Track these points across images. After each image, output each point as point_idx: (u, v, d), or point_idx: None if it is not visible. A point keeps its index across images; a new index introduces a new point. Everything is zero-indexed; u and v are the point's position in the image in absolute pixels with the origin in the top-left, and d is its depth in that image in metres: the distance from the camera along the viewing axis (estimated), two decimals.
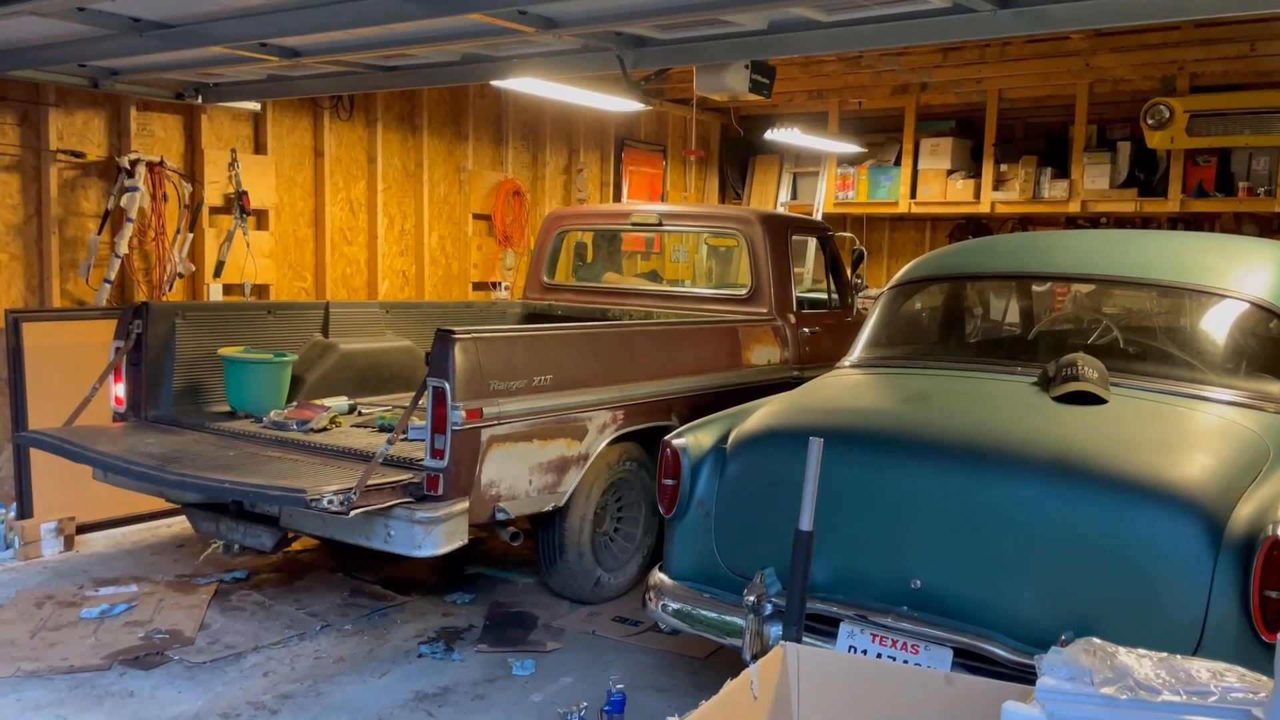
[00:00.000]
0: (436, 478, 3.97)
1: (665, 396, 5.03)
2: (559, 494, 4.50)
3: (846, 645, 3.18)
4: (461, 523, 4.00)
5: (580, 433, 4.55)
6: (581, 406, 4.54)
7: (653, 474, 4.94)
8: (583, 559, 4.72)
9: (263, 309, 5.60)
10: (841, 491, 3.27)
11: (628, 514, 5.03)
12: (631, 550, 5.03)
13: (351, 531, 4.02)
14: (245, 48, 5.08)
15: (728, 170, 11.63)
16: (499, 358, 4.16)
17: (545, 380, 4.33)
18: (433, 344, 4.01)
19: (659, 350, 5.11)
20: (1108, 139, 9.58)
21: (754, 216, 6.28)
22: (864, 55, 8.40)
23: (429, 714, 3.76)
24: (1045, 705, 1.81)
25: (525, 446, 4.27)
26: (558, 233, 7.03)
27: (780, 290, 6.12)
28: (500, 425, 4.14)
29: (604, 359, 4.72)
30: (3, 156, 5.94)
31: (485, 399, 4.06)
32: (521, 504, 4.30)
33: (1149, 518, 2.90)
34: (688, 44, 4.93)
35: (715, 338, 5.57)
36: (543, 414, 4.33)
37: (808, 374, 5.73)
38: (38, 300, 6.10)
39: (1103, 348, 4.04)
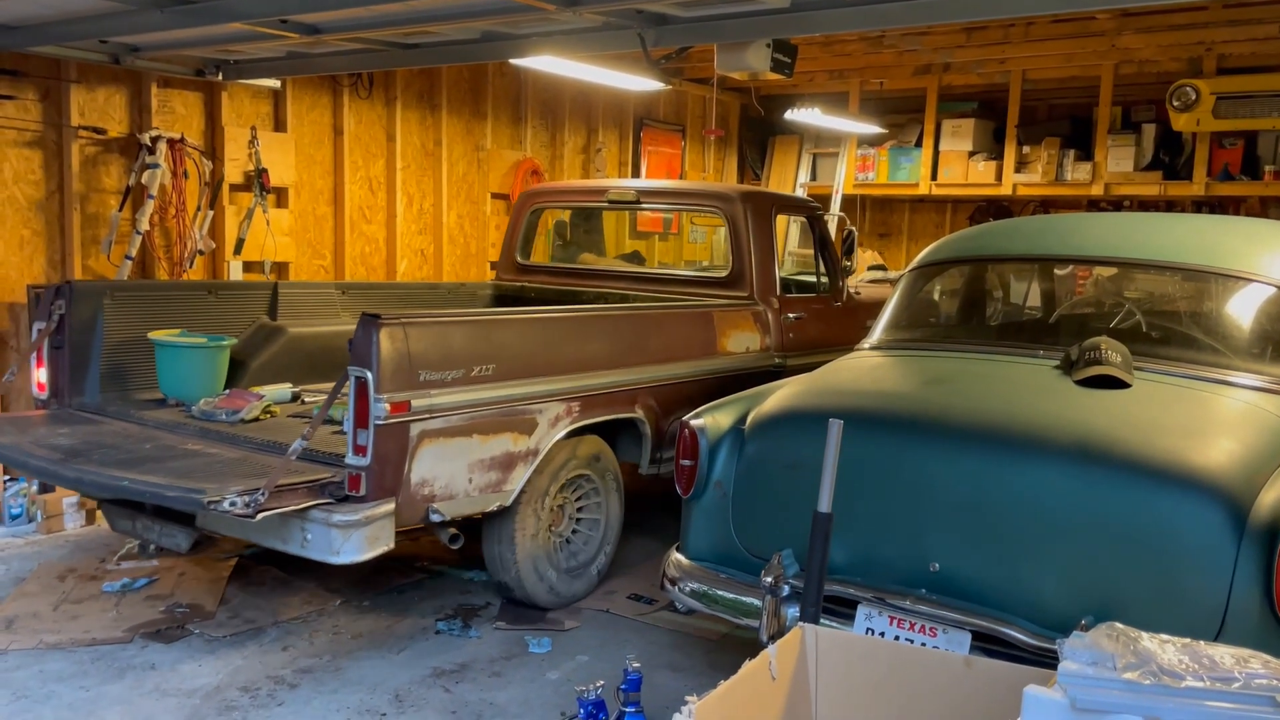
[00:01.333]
0: (358, 477, 3.62)
1: (629, 387, 4.69)
2: (505, 493, 4.16)
3: (864, 627, 3.18)
4: (386, 526, 3.66)
5: (529, 426, 4.20)
6: (530, 398, 4.18)
7: (616, 470, 4.78)
8: (535, 562, 4.37)
9: (203, 289, 5.29)
10: (860, 473, 3.26)
11: (589, 513, 4.71)
12: (593, 551, 4.71)
13: (266, 535, 3.69)
14: (266, 24, 5.07)
15: (747, 150, 11.57)
16: (432, 346, 3.80)
17: (487, 370, 3.98)
18: (356, 330, 3.67)
19: (621, 337, 4.73)
20: (1132, 121, 9.47)
21: (735, 193, 5.93)
22: (886, 35, 8.32)
23: (446, 690, 3.78)
24: (1067, 689, 1.80)
25: (463, 442, 3.93)
26: (531, 210, 6.65)
27: (762, 272, 5.79)
28: (433, 419, 3.79)
29: (556, 347, 4.36)
30: (25, 133, 5.96)
31: (415, 391, 3.72)
32: (460, 504, 3.97)
33: (1172, 503, 2.88)
34: (709, 22, 4.89)
35: (686, 323, 5.19)
36: (484, 406, 3.98)
37: (790, 362, 5.66)
38: (59, 276, 6.14)
39: (1126, 331, 4.00)
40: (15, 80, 5.87)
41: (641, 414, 4.77)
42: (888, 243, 11.59)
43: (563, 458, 4.44)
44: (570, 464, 4.50)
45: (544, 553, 4.42)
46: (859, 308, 6.49)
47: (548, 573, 4.44)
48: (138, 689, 3.69)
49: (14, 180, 5.94)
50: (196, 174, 6.57)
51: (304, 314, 5.50)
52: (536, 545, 4.36)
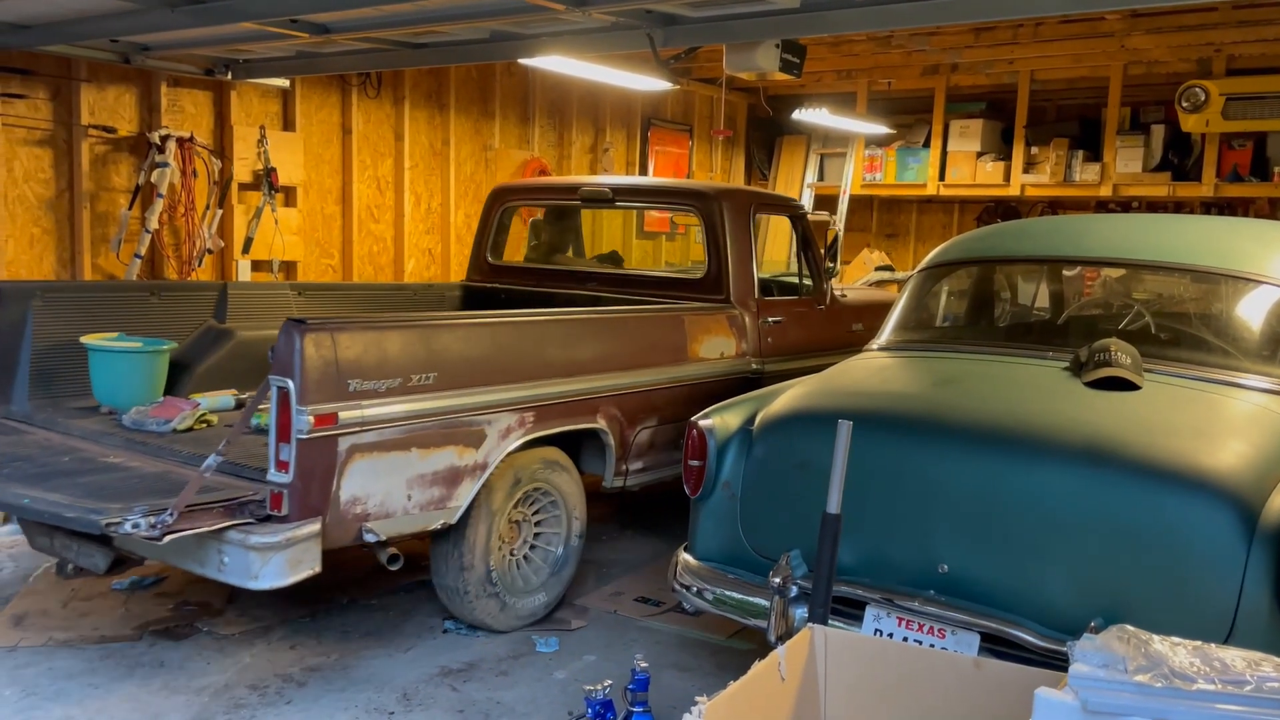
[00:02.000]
0: (280, 495, 3.37)
1: (589, 395, 4.42)
2: (449, 509, 3.89)
3: (872, 628, 3.17)
4: (311, 548, 3.40)
5: (476, 439, 3.93)
6: (477, 409, 3.91)
7: (578, 483, 4.50)
8: (488, 581, 4.10)
9: (145, 290, 5.03)
10: (869, 474, 3.26)
11: (548, 528, 4.44)
12: (553, 568, 4.44)
13: (181, 557, 3.44)
14: (276, 24, 5.09)
15: (754, 151, 11.56)
16: (364, 353, 3.54)
17: (427, 379, 3.72)
18: (278, 336, 3.41)
19: (580, 343, 4.45)
20: (1141, 122, 9.45)
21: (711, 191, 5.70)
22: (894, 35, 8.31)
23: (454, 689, 3.79)
24: (1079, 692, 1.80)
25: (400, 456, 3.66)
26: (502, 209, 6.36)
27: (740, 274, 5.51)
28: (365, 432, 3.53)
29: (507, 354, 4.09)
30: (35, 131, 5.99)
31: (343, 402, 3.45)
32: (398, 523, 3.72)
33: (1182, 505, 2.88)
34: (719, 22, 4.90)
35: (653, 328, 4.91)
36: (424, 418, 3.71)
37: (769, 368, 5.47)
38: (69, 274, 6.16)
39: (1135, 333, 3.99)
40: (26, 79, 5.89)
41: (604, 424, 4.53)
42: (895, 243, 11.58)
43: (516, 471, 4.18)
44: (526, 478, 4.23)
45: (497, 571, 4.15)
46: (844, 311, 6.31)
47: (501, 592, 4.17)
48: (146, 686, 3.70)
49: (24, 179, 5.96)
50: (205, 173, 6.59)
51: (256, 317, 5.18)
52: (488, 564, 4.10)
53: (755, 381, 5.24)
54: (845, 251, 11.02)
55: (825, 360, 5.65)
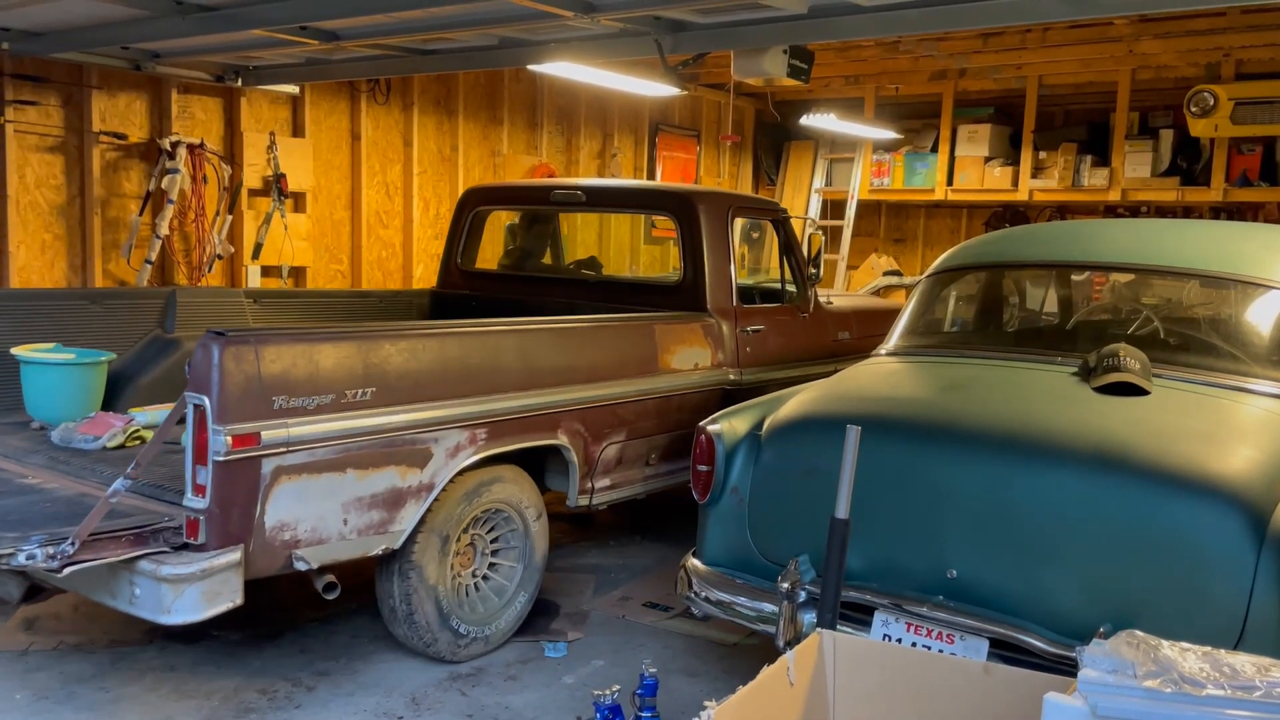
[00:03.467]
0: (196, 521, 3.13)
1: (548, 410, 4.18)
2: (392, 534, 3.65)
3: (881, 634, 3.17)
4: (230, 579, 3.16)
5: (421, 458, 3.68)
6: (421, 426, 3.66)
7: (539, 502, 4.27)
8: (438, 609, 3.87)
9: (84, 298, 4.78)
10: (877, 480, 3.26)
11: (506, 552, 4.20)
12: (512, 592, 4.19)
13: (93, 588, 3.21)
14: (286, 30, 5.12)
15: (762, 156, 11.58)
16: (291, 367, 3.29)
17: (364, 395, 3.47)
18: (195, 349, 3.18)
19: (538, 355, 4.20)
20: (1150, 126, 9.43)
21: (687, 193, 5.49)
22: (902, 40, 8.32)
23: (462, 693, 3.79)
24: (1088, 697, 1.80)
25: (334, 478, 3.42)
26: (474, 212, 6.10)
27: (717, 280, 5.27)
28: (292, 453, 3.28)
29: (456, 367, 3.84)
30: (46, 138, 6.03)
31: (267, 420, 3.21)
32: (333, 549, 3.47)
33: (1191, 510, 2.87)
34: (726, 28, 4.92)
35: (619, 338, 4.65)
36: (361, 437, 3.47)
37: (747, 379, 5.27)
38: (80, 280, 6.19)
39: (1144, 338, 3.99)
40: (38, 86, 5.93)
41: (566, 440, 4.28)
42: (903, 248, 11.57)
43: (469, 491, 3.93)
44: (480, 497, 3.99)
45: (449, 598, 3.90)
46: (829, 319, 6.12)
47: (453, 620, 3.92)
48: (156, 690, 3.71)
49: (36, 185, 6.00)
50: (216, 179, 6.62)
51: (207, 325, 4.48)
52: (439, 590, 3.86)
53: (733, 393, 5.07)
54: (853, 256, 11.03)
55: (808, 370, 5.54)
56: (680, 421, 4.89)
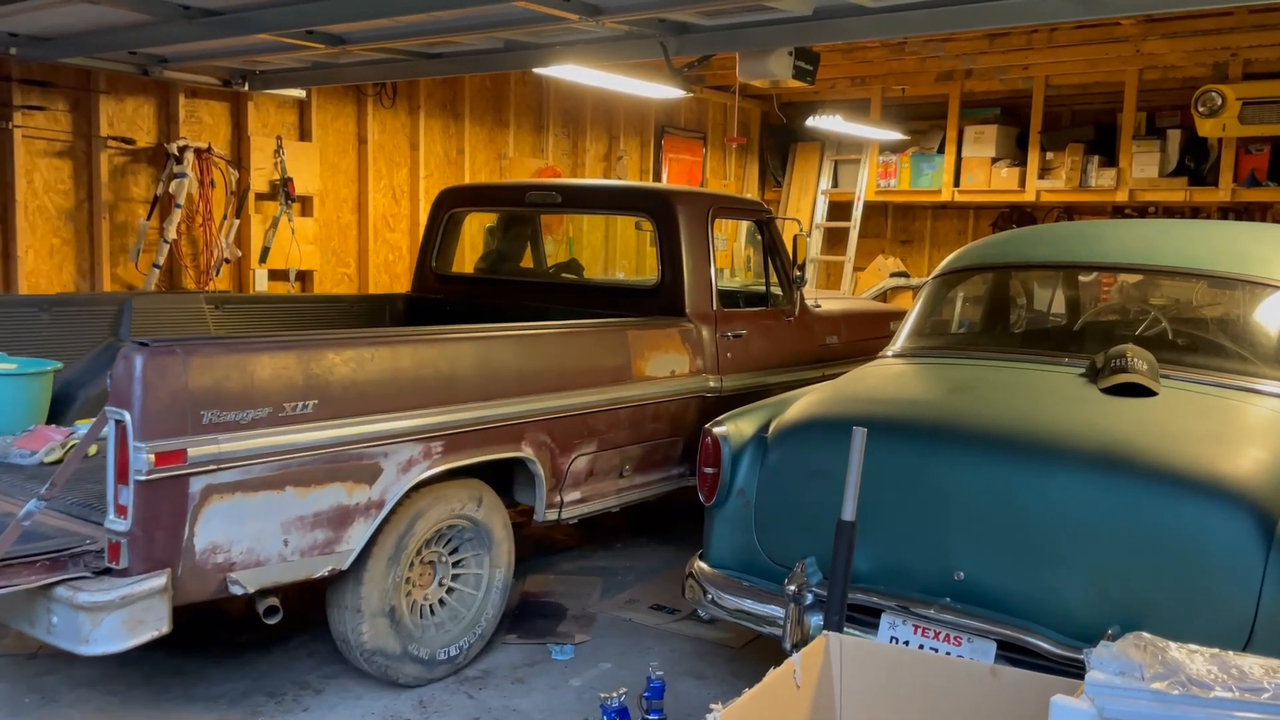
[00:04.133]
0: (118, 544, 2.93)
1: (511, 421, 3.99)
2: (339, 554, 3.45)
3: (888, 636, 3.17)
4: (155, 606, 2.98)
5: (369, 473, 3.48)
6: (369, 439, 3.46)
7: (503, 517, 4.09)
8: (395, 632, 3.68)
9: (34, 305, 4.57)
10: (884, 482, 3.25)
11: (468, 568, 4.01)
12: (475, 612, 4.01)
13: (12, 615, 3.08)
14: (292, 35, 5.13)
15: (768, 158, 11.57)
16: (222, 379, 3.09)
17: (304, 408, 3.27)
18: (115, 360, 2.99)
19: (500, 363, 4.00)
20: (1157, 127, 9.41)
21: (665, 194, 5.32)
22: (908, 41, 8.32)
23: (469, 696, 3.79)
24: (1095, 699, 1.79)
25: (273, 497, 3.22)
26: (449, 214, 5.91)
27: (696, 283, 5.08)
28: (224, 471, 3.09)
29: (407, 377, 3.63)
30: (55, 143, 6.05)
31: (194, 436, 3.01)
32: (273, 571, 3.28)
33: (1199, 512, 2.86)
34: (731, 30, 4.92)
35: (589, 345, 4.45)
36: (301, 452, 3.27)
37: (728, 386, 5.10)
38: (89, 284, 6.22)
39: (1151, 339, 3.98)
40: (46, 91, 5.95)
41: (531, 452, 4.09)
42: (910, 249, 11.56)
43: (425, 507, 3.74)
44: (438, 514, 3.80)
45: (403, 620, 3.72)
46: (816, 323, 5.95)
47: (409, 643, 3.75)
48: (165, 693, 3.72)
49: (44, 190, 6.02)
50: (223, 183, 6.65)
51: (165, 332, 4.68)
52: (394, 613, 3.67)
53: (712, 401, 4.95)
54: (859, 258, 11.01)
55: (793, 376, 5.44)
56: (656, 431, 4.76)
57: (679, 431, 4.90)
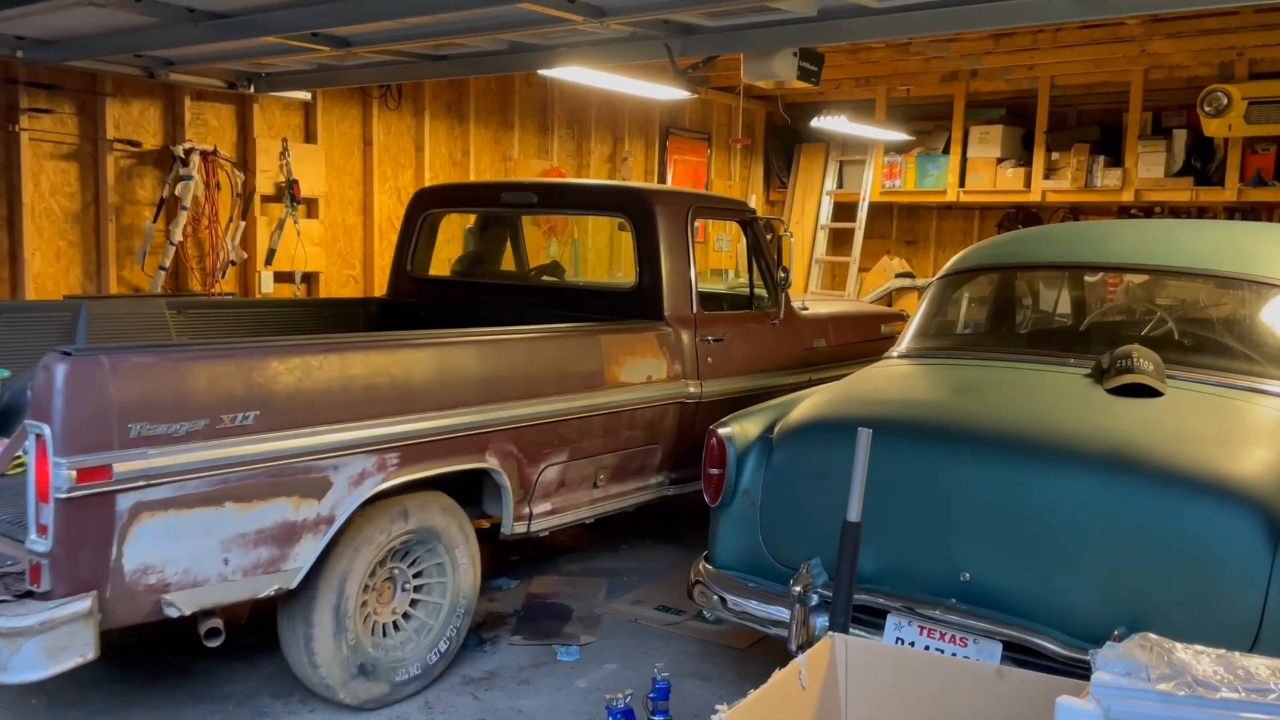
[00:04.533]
0: (39, 566, 2.79)
1: (476, 431, 3.82)
2: (286, 573, 3.27)
3: (894, 637, 3.16)
4: (79, 631, 2.82)
5: (318, 487, 3.30)
6: (316, 452, 3.27)
7: (468, 531, 3.91)
8: (352, 653, 3.51)
9: None
10: (890, 483, 3.25)
11: (431, 586, 3.84)
12: (439, 629, 3.84)
13: None
14: (297, 37, 5.14)
15: (773, 158, 11.57)
16: (153, 389, 2.91)
17: (245, 419, 3.09)
18: (36, 371, 2.83)
19: (461, 370, 3.83)
20: (1163, 126, 9.40)
21: (642, 193, 5.15)
22: (913, 42, 8.31)
23: (475, 697, 3.80)
24: (1100, 701, 1.79)
25: (211, 513, 3.05)
26: (424, 215, 5.75)
27: (675, 286, 4.92)
28: (155, 487, 2.91)
29: (358, 385, 3.44)
30: (61, 145, 6.07)
31: (121, 451, 2.82)
32: (212, 591, 3.10)
33: (1205, 512, 2.86)
34: (736, 31, 4.91)
35: (558, 350, 4.28)
36: (241, 466, 3.09)
37: (708, 391, 4.94)
38: (95, 286, 6.23)
39: (1157, 339, 3.97)
40: (52, 94, 5.97)
41: (496, 463, 3.92)
42: (915, 250, 11.54)
43: (381, 521, 3.58)
44: (396, 528, 3.63)
45: (359, 640, 3.55)
46: (803, 326, 5.78)
47: (366, 662, 3.58)
48: (171, 695, 3.73)
49: (51, 192, 6.04)
50: (229, 185, 6.66)
51: (124, 339, 4.49)
52: (347, 631, 3.50)
53: (692, 407, 4.85)
54: (865, 259, 11.01)
55: (778, 381, 5.33)
56: (632, 439, 4.61)
57: (656, 439, 4.77)
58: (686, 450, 4.92)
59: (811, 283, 11.20)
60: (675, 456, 4.93)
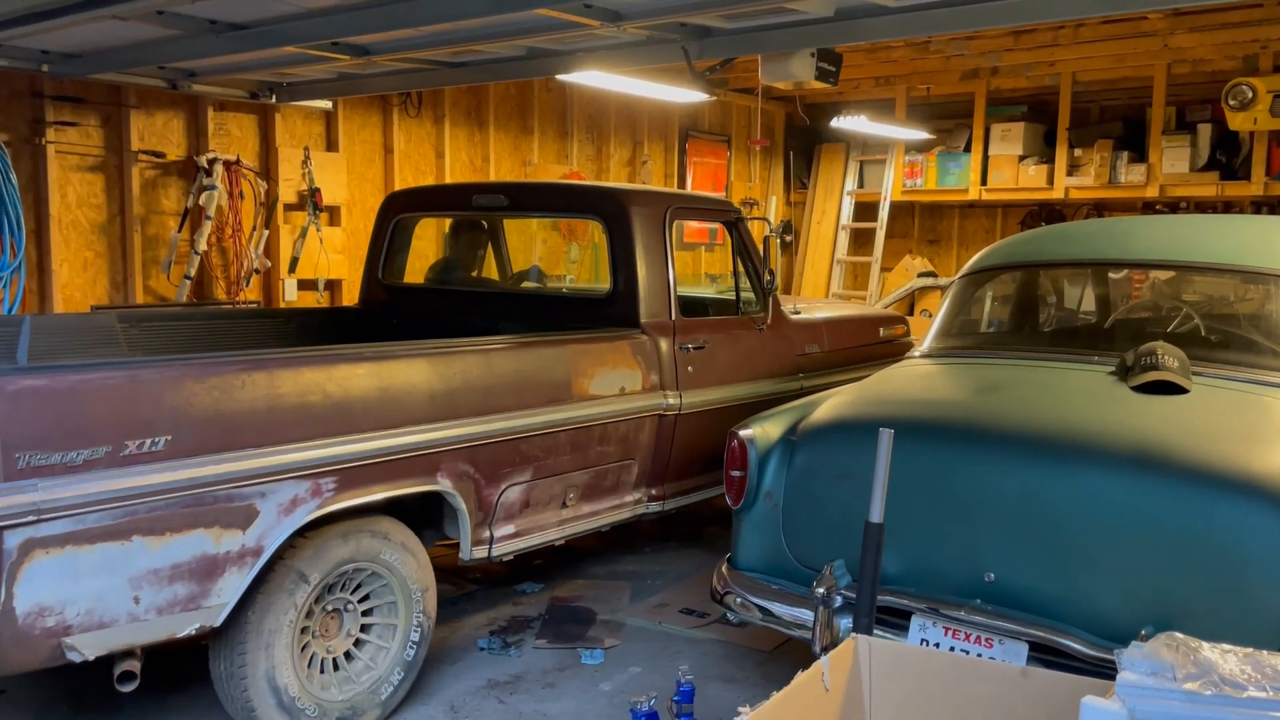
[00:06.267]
0: None
1: (422, 451, 3.56)
2: (208, 609, 3.03)
3: (918, 638, 3.15)
4: None
5: (242, 516, 3.05)
6: (239, 479, 3.02)
7: (420, 557, 3.65)
8: (288, 693, 3.27)
9: None
10: (913, 483, 3.24)
11: (381, 616, 3.60)
12: (390, 663, 3.59)
13: None
14: (318, 47, 5.19)
15: (793, 159, 11.55)
16: (43, 414, 2.67)
17: (154, 444, 2.84)
18: None
19: (407, 386, 3.55)
20: (1187, 121, 9.31)
21: (617, 194, 4.90)
22: (932, 40, 8.27)
23: (501, 701, 3.81)
24: (1126, 701, 1.77)
25: (116, 549, 2.80)
26: (396, 220, 5.55)
27: (652, 291, 4.69)
28: (50, 522, 2.67)
29: (287, 404, 3.19)
30: (87, 158, 6.14)
31: (7, 483, 2.62)
32: (121, 634, 2.86)
33: (1232, 510, 2.82)
34: (753, 33, 4.91)
35: (520, 362, 4.02)
36: (151, 496, 2.84)
37: (688, 402, 4.71)
38: (122, 297, 6.30)
39: (1183, 336, 3.94)
40: (78, 107, 6.05)
41: (450, 484, 3.68)
42: (937, 249, 11.49)
43: (320, 550, 3.32)
44: (337, 557, 3.37)
45: (297, 679, 3.30)
46: (794, 331, 5.53)
47: (305, 703, 3.33)
48: (198, 700, 3.75)
49: (77, 204, 6.12)
50: (252, 194, 6.72)
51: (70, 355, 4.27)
52: (281, 671, 3.24)
53: (671, 419, 4.63)
54: (886, 258, 10.96)
55: (764, 389, 5.13)
56: (604, 455, 4.37)
57: (631, 454, 4.53)
58: (667, 465, 4.72)
59: (834, 283, 11.16)
60: (655, 472, 4.70)
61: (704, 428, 4.76)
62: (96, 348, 4.43)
